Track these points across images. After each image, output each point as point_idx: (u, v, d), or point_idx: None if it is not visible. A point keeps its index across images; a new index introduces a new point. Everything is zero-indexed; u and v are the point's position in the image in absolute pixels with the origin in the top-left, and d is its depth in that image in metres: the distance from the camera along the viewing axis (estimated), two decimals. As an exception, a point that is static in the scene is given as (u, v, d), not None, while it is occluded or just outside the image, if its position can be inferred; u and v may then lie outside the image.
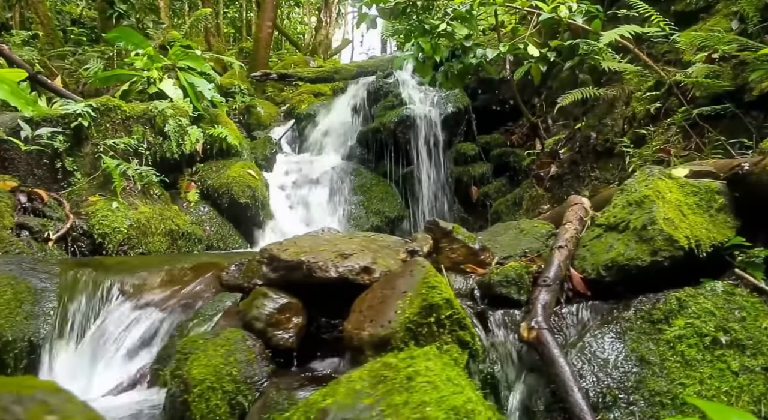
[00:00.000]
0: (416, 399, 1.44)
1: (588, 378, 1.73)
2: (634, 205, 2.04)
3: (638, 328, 1.79)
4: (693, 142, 3.93)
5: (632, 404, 1.65)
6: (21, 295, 2.47)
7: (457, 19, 5.43)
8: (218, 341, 1.84)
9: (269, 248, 2.11)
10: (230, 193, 5.66)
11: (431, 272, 1.79)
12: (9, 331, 2.35)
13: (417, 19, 5.56)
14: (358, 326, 1.78)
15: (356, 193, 6.48)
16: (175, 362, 1.81)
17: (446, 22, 5.25)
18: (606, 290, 1.96)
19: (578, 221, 2.18)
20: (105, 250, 4.61)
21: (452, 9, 5.50)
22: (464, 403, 1.43)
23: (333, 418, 1.43)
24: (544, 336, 1.77)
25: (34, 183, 4.93)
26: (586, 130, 5.52)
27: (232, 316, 2.14)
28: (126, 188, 5.09)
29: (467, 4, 5.53)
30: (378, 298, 1.82)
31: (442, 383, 1.48)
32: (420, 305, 1.72)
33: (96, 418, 0.86)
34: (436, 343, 1.71)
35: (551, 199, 5.77)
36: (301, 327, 1.99)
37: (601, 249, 2.03)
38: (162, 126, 5.50)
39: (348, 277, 1.95)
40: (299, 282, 2.03)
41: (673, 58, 4.88)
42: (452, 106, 7.02)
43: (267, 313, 1.95)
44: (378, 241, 2.24)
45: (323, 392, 1.52)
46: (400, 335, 1.70)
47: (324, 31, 14.70)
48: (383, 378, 1.53)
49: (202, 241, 5.36)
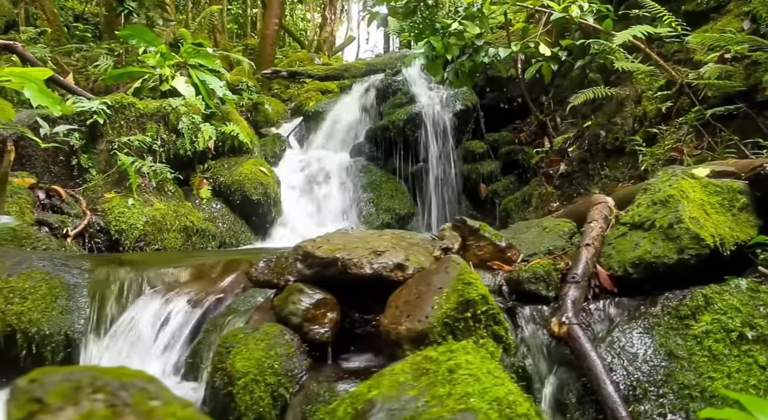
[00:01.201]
0: (459, 390, 1.50)
1: (618, 371, 1.79)
2: (658, 204, 2.10)
3: (666, 324, 1.85)
4: (705, 141, 3.98)
5: (662, 397, 1.71)
6: (55, 291, 2.53)
7: (468, 17, 5.48)
8: (258, 335, 1.90)
9: (303, 245, 2.16)
10: (242, 190, 5.71)
11: (466, 269, 1.85)
12: (46, 325, 2.41)
13: (428, 18, 5.60)
14: (395, 321, 1.84)
15: (366, 190, 6.53)
16: (217, 356, 1.86)
17: (458, 21, 5.30)
18: (632, 287, 2.03)
19: (603, 220, 2.24)
20: (122, 247, 4.67)
21: (464, 8, 5.55)
22: (506, 395, 1.49)
23: (380, 408, 1.49)
24: (575, 331, 1.83)
25: (50, 180, 4.99)
26: (595, 129, 5.58)
27: (265, 312, 2.20)
28: (141, 185, 5.14)
29: (479, 3, 5.58)
30: (414, 294, 1.88)
31: (484, 376, 1.54)
32: (457, 301, 1.78)
33: (188, 405, 0.92)
34: (473, 338, 1.77)
35: (560, 196, 5.83)
36: (336, 322, 2.05)
37: (626, 247, 2.09)
38: (175, 123, 5.55)
39: (382, 274, 2.01)
40: (333, 278, 2.09)
41: (683, 57, 4.93)
42: (461, 104, 7.07)
43: (303, 309, 2.00)
44: (407, 239, 2.29)
45: (368, 384, 1.58)
46: (437, 330, 1.76)
47: (328, 28, 14.72)
48: (425, 371, 1.59)
49: (216, 237, 5.41)
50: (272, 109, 9.01)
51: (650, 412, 1.69)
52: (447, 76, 5.88)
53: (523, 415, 1.46)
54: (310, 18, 21.66)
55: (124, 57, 7.86)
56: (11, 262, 2.57)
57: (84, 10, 13.21)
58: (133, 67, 6.31)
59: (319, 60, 13.28)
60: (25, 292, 2.45)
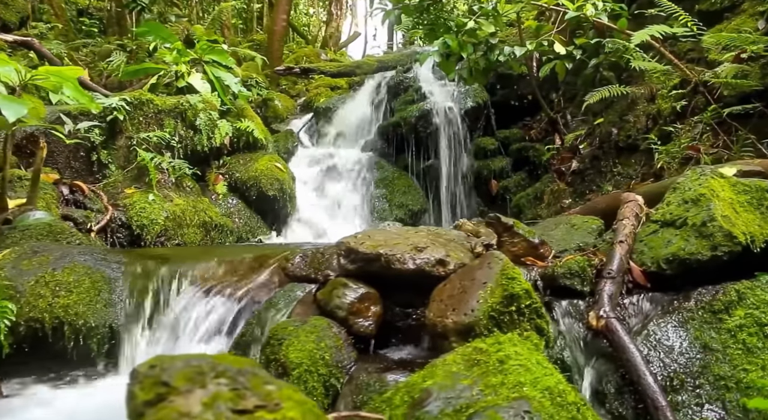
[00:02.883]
0: (512, 380, 1.57)
1: (655, 363, 1.87)
2: (690, 202, 2.18)
3: (700, 318, 1.93)
4: (721, 139, 4.06)
5: (698, 387, 1.79)
6: (98, 284, 2.61)
7: (482, 16, 5.53)
8: (307, 328, 1.98)
9: (346, 242, 2.24)
10: (258, 185, 5.78)
11: (509, 264, 1.93)
12: (91, 318, 2.49)
13: (444, 17, 5.66)
14: (441, 314, 1.91)
15: (378, 186, 6.60)
16: (269, 347, 1.94)
17: (474, 20, 5.35)
18: (665, 282, 2.10)
19: (634, 217, 2.31)
20: (143, 242, 4.74)
21: (479, 6, 5.61)
22: (556, 384, 1.57)
23: (436, 397, 1.56)
24: (613, 324, 1.91)
25: (71, 175, 5.05)
26: (607, 126, 5.65)
27: (308, 305, 2.28)
28: (160, 181, 5.21)
29: (493, 1, 5.63)
30: (458, 289, 1.95)
31: (533, 366, 1.62)
32: (501, 295, 1.86)
33: (296, 390, 1.00)
34: (517, 331, 1.85)
35: (573, 193, 5.90)
36: (379, 315, 2.13)
37: (659, 244, 2.16)
38: (193, 119, 5.61)
39: (424, 269, 2.08)
40: (375, 273, 2.17)
41: (695, 56, 5.00)
42: (472, 101, 7.14)
43: (348, 302, 2.08)
44: (442, 235, 2.37)
45: (422, 374, 1.66)
46: (483, 323, 1.84)
47: (334, 23, 14.75)
48: (476, 361, 1.66)
49: (233, 232, 5.49)
50: (282, 105, 9.07)
51: (688, 402, 1.77)
52: (461, 74, 5.94)
53: (573, 403, 1.54)
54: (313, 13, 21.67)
55: (137, 53, 7.90)
56: (54, 257, 2.65)
57: (88, 5, 13.22)
58: (149, 64, 6.36)
59: (325, 56, 13.32)
60: (70, 285, 2.53)
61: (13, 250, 2.73)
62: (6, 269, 2.55)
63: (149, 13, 7.62)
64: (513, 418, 1.46)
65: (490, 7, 5.57)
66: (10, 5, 7.57)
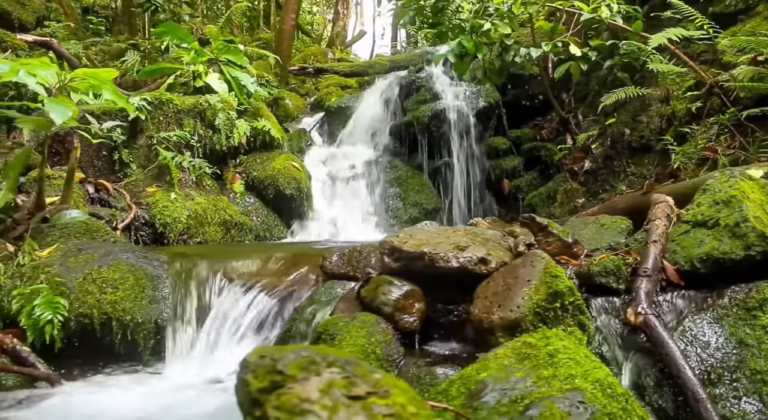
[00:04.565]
0: (563, 372, 1.66)
1: (692, 358, 1.96)
2: (721, 204, 2.26)
3: (734, 315, 2.02)
4: (737, 141, 4.14)
5: (735, 381, 1.88)
6: (142, 281, 2.69)
7: (498, 17, 5.61)
8: (357, 324, 2.06)
9: (390, 241, 2.32)
10: (276, 184, 5.86)
11: (551, 263, 2.01)
12: (138, 314, 2.57)
13: (457, 18, 5.73)
14: (487, 311, 1.99)
15: (392, 185, 6.68)
16: (322, 342, 2.02)
17: (490, 21, 5.43)
18: (698, 281, 2.18)
19: (666, 218, 2.39)
20: (166, 239, 4.81)
21: (494, 8, 5.68)
22: (605, 376, 1.66)
23: (492, 388, 1.65)
24: (651, 320, 1.99)
25: (94, 174, 5.13)
26: (619, 126, 5.73)
27: (350, 302, 2.36)
28: (181, 179, 5.28)
29: (509, 3, 5.71)
30: (502, 286, 2.04)
31: (582, 359, 1.70)
32: (546, 292, 1.94)
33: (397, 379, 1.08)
34: (561, 326, 1.93)
35: (586, 192, 5.98)
36: (422, 312, 2.21)
37: (691, 243, 2.25)
38: (212, 119, 5.69)
39: (467, 267, 2.17)
40: (418, 271, 2.25)
41: (709, 57, 5.08)
42: (483, 101, 7.22)
43: (394, 299, 2.16)
44: (480, 235, 2.45)
45: (475, 367, 1.74)
46: (529, 319, 1.92)
47: (341, 22, 14.81)
48: (527, 355, 1.75)
49: (252, 231, 5.57)
50: (292, 104, 9.14)
51: (725, 395, 1.86)
52: (475, 74, 6.02)
53: (622, 395, 1.63)
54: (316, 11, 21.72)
55: (150, 53, 7.96)
56: (99, 254, 2.73)
57: (93, 3, 13.25)
58: (166, 63, 6.43)
59: (332, 54, 13.38)
60: (116, 282, 2.61)
61: (57, 247, 2.81)
62: (55, 266, 2.63)
63: (163, 13, 7.67)
64: (569, 408, 1.54)
65: (506, 9, 5.64)
66: (27, 5, 7.64)
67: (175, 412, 1.96)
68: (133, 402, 2.07)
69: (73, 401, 2.11)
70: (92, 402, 2.09)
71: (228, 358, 2.53)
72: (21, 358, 2.32)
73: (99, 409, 1.99)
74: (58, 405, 2.08)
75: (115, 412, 1.94)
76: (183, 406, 2.04)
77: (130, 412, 1.93)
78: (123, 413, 1.95)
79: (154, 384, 2.36)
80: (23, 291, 2.48)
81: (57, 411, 2.01)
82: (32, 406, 2.06)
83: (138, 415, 1.93)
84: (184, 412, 1.96)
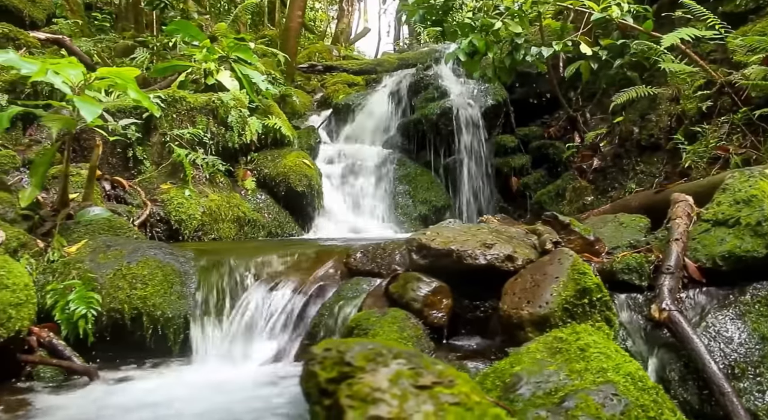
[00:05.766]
0: (595, 366, 1.71)
1: (716, 353, 2.01)
2: (741, 203, 2.31)
3: (756, 311, 2.07)
4: (748, 140, 4.19)
5: (759, 376, 1.94)
6: (170, 277, 2.74)
7: (509, 16, 5.65)
8: (388, 319, 2.11)
9: (417, 238, 2.37)
10: (287, 181, 5.90)
11: (578, 260, 2.07)
12: (168, 309, 2.62)
13: (470, 17, 5.78)
14: (516, 306, 2.05)
15: (402, 183, 6.73)
16: (355, 337, 2.07)
17: (501, 20, 5.47)
18: (720, 278, 2.24)
19: (686, 217, 2.45)
20: (181, 236, 4.86)
21: (505, 7, 5.73)
22: (636, 370, 1.71)
23: (526, 381, 1.70)
24: (675, 316, 2.04)
25: (108, 171, 5.17)
26: (627, 125, 5.78)
27: (378, 297, 2.41)
28: (194, 177, 5.33)
29: (519, 2, 5.75)
30: (530, 283, 2.09)
31: (613, 353, 1.76)
32: (575, 289, 2.00)
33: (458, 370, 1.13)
34: (589, 322, 1.99)
35: (595, 190, 6.04)
36: (450, 308, 2.27)
37: (712, 242, 2.30)
38: (224, 117, 5.73)
39: (494, 264, 2.22)
40: (446, 268, 2.30)
41: (718, 57, 5.12)
42: (491, 99, 7.27)
43: (423, 295, 2.22)
44: (503, 233, 2.50)
45: (509, 361, 1.80)
46: (558, 314, 1.98)
47: (345, 19, 14.84)
48: (558, 349, 1.80)
49: (265, 227, 5.62)
50: (299, 101, 9.18)
51: (750, 389, 1.92)
52: (485, 72, 6.06)
53: (653, 388, 1.68)
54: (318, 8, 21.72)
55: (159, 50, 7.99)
56: (128, 251, 2.78)
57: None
58: (177, 61, 6.47)
59: (336, 52, 13.41)
60: (145, 278, 2.66)
61: (86, 243, 2.86)
62: (85, 262, 2.68)
63: (172, 10, 7.70)
64: (603, 400, 1.60)
65: (516, 7, 5.69)
66: (37, 2, 7.67)
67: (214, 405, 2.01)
68: (170, 395, 2.12)
69: (113, 392, 2.17)
70: (131, 394, 2.15)
71: (256, 352, 2.59)
72: (57, 352, 2.38)
73: (140, 401, 2.04)
74: (99, 397, 2.13)
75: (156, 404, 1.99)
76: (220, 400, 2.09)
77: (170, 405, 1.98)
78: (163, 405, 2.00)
79: (187, 377, 2.41)
80: (56, 286, 2.54)
81: (99, 402, 2.07)
82: (73, 397, 2.12)
83: (177, 407, 1.99)
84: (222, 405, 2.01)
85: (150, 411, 1.93)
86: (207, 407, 1.95)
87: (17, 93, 4.94)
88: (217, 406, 1.95)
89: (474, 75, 6.22)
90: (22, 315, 2.17)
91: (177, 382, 2.33)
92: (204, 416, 1.88)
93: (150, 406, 1.95)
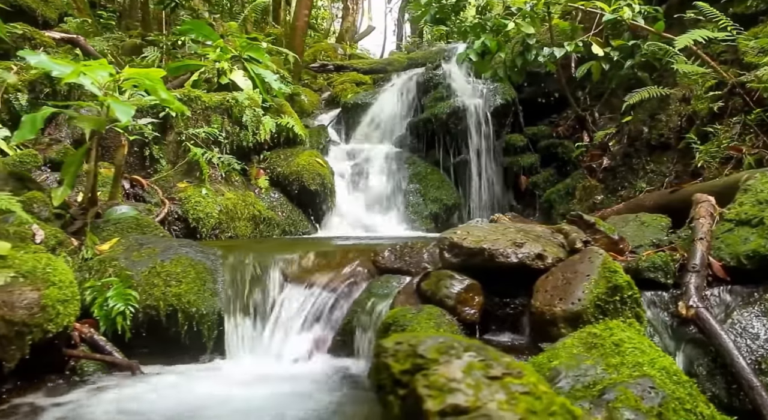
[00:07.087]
0: (630, 360, 1.78)
1: (742, 348, 2.08)
2: (764, 203, 2.38)
3: (781, 308, 2.14)
4: (761, 140, 4.26)
5: (785, 370, 2.00)
6: (202, 275, 2.80)
7: (521, 17, 5.72)
8: (424, 315, 2.18)
9: (449, 237, 2.44)
10: (301, 180, 5.96)
11: (608, 259, 2.14)
12: (202, 306, 2.69)
13: (482, 17, 5.84)
14: (548, 303, 2.12)
15: (412, 181, 6.80)
16: (392, 333, 2.14)
17: (513, 21, 5.54)
18: (744, 276, 2.31)
19: (709, 216, 2.52)
20: (198, 234, 4.93)
21: (517, 8, 5.79)
22: (670, 365, 1.78)
23: (565, 375, 1.77)
24: (703, 313, 2.11)
25: (126, 170, 5.22)
26: (637, 125, 5.84)
27: (409, 294, 2.48)
28: (211, 175, 5.40)
29: (531, 3, 5.81)
30: (561, 280, 2.16)
31: (647, 349, 1.83)
32: (606, 286, 2.07)
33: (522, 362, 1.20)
34: (621, 318, 2.05)
35: (604, 190, 6.10)
36: (482, 304, 2.33)
37: (736, 241, 2.37)
38: (239, 116, 5.79)
39: (525, 263, 2.29)
40: (477, 266, 2.37)
41: (729, 58, 5.18)
42: (500, 98, 7.33)
43: (456, 292, 2.29)
44: (530, 232, 2.57)
45: (546, 356, 1.87)
46: (590, 311, 2.05)
47: (350, 18, 14.88)
48: (593, 344, 1.87)
49: (279, 225, 5.68)
50: (308, 100, 9.23)
51: (776, 383, 1.98)
52: (496, 72, 6.12)
53: (687, 382, 1.75)
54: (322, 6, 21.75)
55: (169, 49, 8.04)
56: (160, 249, 2.84)
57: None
58: (190, 60, 6.52)
59: (341, 50, 13.45)
60: (179, 275, 2.73)
61: (119, 241, 2.92)
62: (120, 260, 2.75)
63: (182, 10, 7.75)
64: (641, 392, 1.67)
65: (528, 8, 5.75)
66: (50, 2, 7.71)
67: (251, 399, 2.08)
68: (209, 390, 2.19)
69: (156, 387, 2.23)
70: (173, 389, 2.21)
71: (289, 348, 2.65)
72: (98, 347, 2.44)
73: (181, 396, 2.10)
74: (141, 391, 2.20)
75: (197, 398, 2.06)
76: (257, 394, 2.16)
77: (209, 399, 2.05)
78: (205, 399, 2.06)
79: (222, 373, 2.48)
80: (94, 283, 2.60)
81: (143, 396, 2.13)
82: (119, 391, 2.18)
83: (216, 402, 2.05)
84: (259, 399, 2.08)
85: (205, 408, 1.98)
86: (258, 405, 2.01)
87: (36, 93, 4.99)
88: (266, 403, 2.01)
89: (485, 75, 6.28)
90: (68, 311, 2.24)
91: (217, 378, 2.40)
92: (259, 413, 1.94)
93: (200, 404, 2.01)
